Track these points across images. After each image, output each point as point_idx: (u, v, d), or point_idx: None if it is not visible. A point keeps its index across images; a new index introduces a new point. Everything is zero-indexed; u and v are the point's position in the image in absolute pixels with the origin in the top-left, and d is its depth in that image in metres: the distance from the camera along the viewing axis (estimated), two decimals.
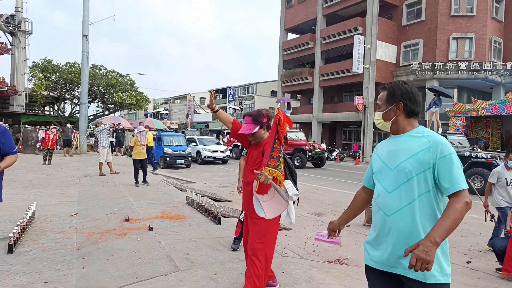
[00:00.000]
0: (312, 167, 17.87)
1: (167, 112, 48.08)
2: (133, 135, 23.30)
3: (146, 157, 8.75)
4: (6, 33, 26.63)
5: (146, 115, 45.82)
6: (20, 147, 18.25)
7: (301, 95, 36.44)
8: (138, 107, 25.63)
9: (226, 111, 42.11)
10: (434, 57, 24.64)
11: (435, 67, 24.10)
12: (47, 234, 4.52)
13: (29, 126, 23.23)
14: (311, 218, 6.70)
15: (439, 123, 13.13)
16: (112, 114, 26.96)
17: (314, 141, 21.86)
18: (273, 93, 42.56)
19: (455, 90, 25.34)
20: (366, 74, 25.82)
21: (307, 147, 17.11)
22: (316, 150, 17.13)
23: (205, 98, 57.97)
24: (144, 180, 8.66)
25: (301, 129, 24.92)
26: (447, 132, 14.25)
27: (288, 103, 21.11)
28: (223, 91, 49.06)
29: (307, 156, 16.87)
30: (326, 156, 19.27)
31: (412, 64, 25.15)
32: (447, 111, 15.77)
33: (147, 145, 10.89)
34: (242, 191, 4.16)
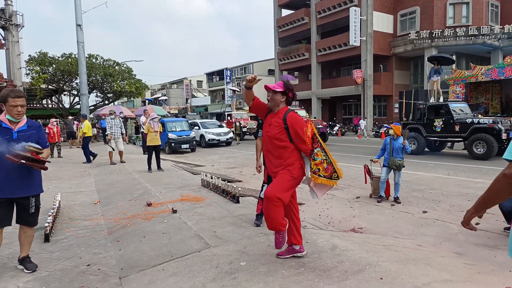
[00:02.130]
0: None
1: (165, 98, 47.90)
2: (134, 123, 23.37)
3: (160, 143, 8.91)
4: None
5: (144, 102, 45.71)
6: None
7: (299, 72, 36.26)
8: (137, 94, 25.60)
9: (224, 94, 42.00)
10: (432, 24, 24.41)
11: (433, 35, 23.93)
12: (76, 222, 4.76)
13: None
14: None
15: (440, 91, 13.24)
16: (112, 103, 26.95)
17: (315, 118, 21.99)
18: (271, 72, 42.27)
19: (454, 57, 25.27)
20: (364, 46, 25.65)
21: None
22: (318, 126, 17.31)
23: (201, 81, 57.58)
24: (159, 167, 8.87)
25: (302, 107, 24.93)
26: (448, 100, 14.38)
27: (288, 80, 21.17)
28: (219, 73, 48.69)
29: None
30: (328, 131, 19.47)
31: (410, 33, 24.96)
32: (446, 79, 15.83)
33: (84, 135, 11.05)
34: (261, 170, 4.38)
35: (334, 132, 24.62)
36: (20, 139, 3.00)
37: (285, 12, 34.60)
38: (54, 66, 21.73)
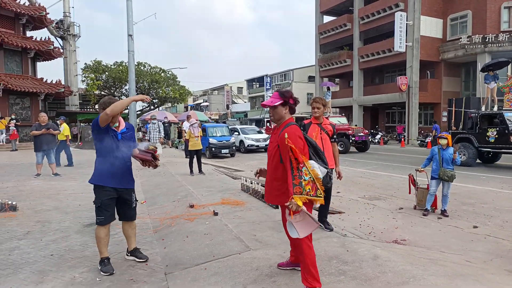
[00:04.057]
0: (356, 151, 17.67)
1: (207, 104, 49.24)
2: (177, 128, 24.24)
3: (201, 147, 9.23)
4: (57, 38, 28.56)
5: (187, 108, 47.30)
6: (80, 143, 19.77)
7: (340, 78, 35.69)
8: (181, 100, 26.60)
9: (264, 100, 42.33)
10: (485, 29, 23.00)
11: (486, 40, 22.53)
12: None
13: (83, 124, 24.97)
14: (362, 201, 6.79)
15: (495, 99, 12.43)
16: (157, 109, 28.20)
17: (356, 125, 21.50)
18: (311, 79, 42.01)
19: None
20: (409, 52, 24.72)
21: (350, 131, 16.93)
22: (360, 134, 16.91)
23: (242, 87, 58.50)
24: (200, 170, 9.17)
25: (343, 114, 24.52)
26: (502, 108, 13.45)
27: (328, 87, 20.84)
28: (259, 80, 49.20)
29: (351, 140, 16.72)
30: (369, 139, 18.95)
31: (461, 38, 23.68)
32: (501, 86, 14.81)
33: (68, 138, 11.03)
34: None
35: (376, 140, 23.87)
36: (123, 139, 3.34)
37: (327, 18, 34.33)
38: (107, 73, 23.22)
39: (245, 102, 53.14)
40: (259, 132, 20.12)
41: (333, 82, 30.61)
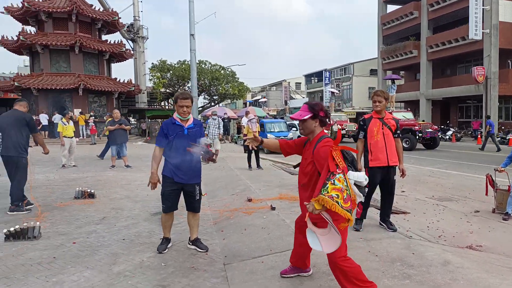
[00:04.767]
0: (423, 148, 16.51)
1: (265, 99, 49.65)
2: (236, 123, 24.80)
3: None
4: (128, 40, 30.88)
5: (245, 104, 48.16)
6: (148, 138, 21.26)
7: (405, 71, 33.56)
8: (239, 96, 27.16)
9: (322, 95, 41.45)
10: None
11: None
12: None
13: (151, 120, 26.76)
14: (430, 202, 6.31)
15: None
16: (217, 105, 29.15)
17: (424, 121, 20.05)
18: (373, 72, 40.09)
19: None
20: (487, 40, 22.35)
21: (416, 127, 15.86)
22: (428, 130, 15.75)
23: (300, 83, 57.92)
24: (258, 165, 9.31)
25: (408, 108, 23.02)
26: None
27: (393, 80, 19.65)
28: (318, 75, 48.23)
29: (417, 137, 15.66)
30: (439, 136, 17.56)
31: None
32: None
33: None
34: None
35: (447, 137, 22.02)
36: (190, 135, 3.48)
37: (391, 8, 32.39)
38: (171, 72, 24.56)
39: (303, 97, 52.52)
40: None
41: (398, 75, 28.87)
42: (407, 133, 15.90)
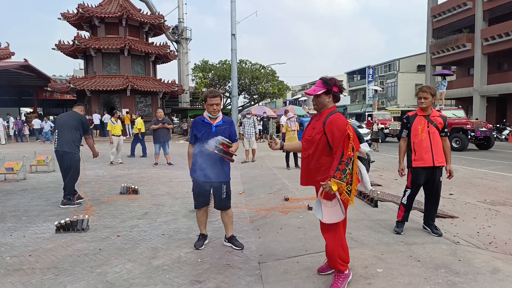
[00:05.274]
0: (475, 149, 15.41)
1: (305, 98, 49.13)
2: (275, 122, 24.79)
3: (297, 141, 9.27)
4: (173, 42, 32.01)
5: (285, 103, 47.99)
6: (189, 137, 21.87)
7: (457, 66, 31.50)
8: (279, 95, 27.09)
9: (366, 93, 40.12)
10: None
11: None
12: None
13: (193, 119, 27.55)
14: (482, 206, 5.88)
15: None
16: (257, 104, 29.31)
17: (477, 119, 18.69)
18: (420, 68, 38.10)
19: None
20: None
21: (468, 126, 14.82)
22: (481, 129, 14.66)
23: (341, 80, 56.39)
24: (296, 164, 9.23)
25: (459, 106, 21.59)
26: None
27: (444, 76, 18.45)
28: (361, 72, 46.82)
29: (469, 136, 14.63)
30: (495, 136, 16.29)
31: None
32: None
33: (140, 131, 11.68)
34: (403, 174, 4.04)
35: (504, 136, 20.38)
36: (217, 132, 3.54)
37: None
38: (212, 72, 25.08)
39: (345, 95, 51.23)
40: (359, 127, 19.16)
41: (449, 70, 27.16)
42: (457, 132, 14.93)
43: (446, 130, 3.96)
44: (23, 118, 26.65)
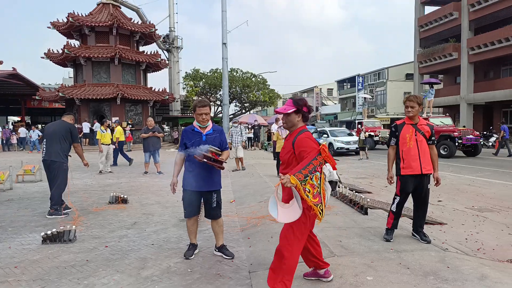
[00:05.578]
0: (463, 156, 15.66)
1: None
2: (266, 131, 24.86)
3: None
4: (163, 51, 32.02)
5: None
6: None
7: (444, 74, 32.16)
8: (270, 103, 27.23)
9: (355, 101, 40.58)
10: None
11: None
12: None
13: (184, 128, 27.49)
14: (470, 212, 5.96)
15: None
16: (248, 112, 29.39)
17: (464, 126, 19.03)
18: (408, 76, 38.78)
19: None
20: None
21: (455, 133, 15.08)
22: (468, 136, 14.92)
23: (332, 89, 57.16)
24: None
25: (447, 114, 21.96)
26: None
27: (432, 84, 18.77)
28: (351, 80, 47.40)
29: (457, 144, 14.87)
30: (482, 143, 16.59)
31: None
32: None
33: (117, 140, 11.60)
34: (392, 181, 4.08)
35: (490, 144, 20.77)
36: (207, 141, 3.54)
37: (429, 9, 31.29)
38: (203, 80, 25.14)
39: (335, 103, 51.75)
40: (350, 135, 19.34)
41: (436, 78, 27.68)
42: (445, 139, 15.16)
43: (433, 138, 4.03)
44: (11, 127, 26.22)
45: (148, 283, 3.07)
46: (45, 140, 5.52)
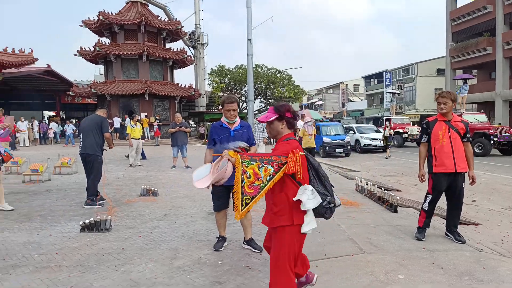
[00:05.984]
0: (499, 154, 14.99)
1: (321, 102, 48.89)
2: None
3: (314, 146, 9.27)
4: (189, 47, 32.47)
5: (301, 107, 47.83)
6: (206, 140, 22.12)
7: (478, 70, 30.76)
8: (295, 99, 27.08)
9: (382, 97, 39.61)
10: None
11: None
12: None
13: (210, 123, 27.83)
14: (506, 213, 5.73)
15: None
16: None
17: (500, 124, 18.18)
18: (440, 72, 37.37)
19: None
20: None
21: (491, 131, 14.44)
22: (504, 134, 14.26)
23: (358, 85, 56.01)
24: None
25: (481, 110, 21.03)
26: None
27: (465, 80, 18.02)
28: (378, 76, 46.24)
29: (492, 142, 14.25)
30: None
31: None
32: None
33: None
34: (424, 179, 3.99)
35: None
36: (236, 136, 3.62)
37: (461, 2, 29.95)
38: (229, 76, 25.31)
39: (362, 100, 50.70)
40: (377, 131, 18.93)
41: (470, 74, 26.54)
42: (480, 137, 14.56)
43: (468, 135, 3.90)
44: (46, 121, 27.53)
45: (181, 273, 3.18)
46: (81, 135, 5.78)
